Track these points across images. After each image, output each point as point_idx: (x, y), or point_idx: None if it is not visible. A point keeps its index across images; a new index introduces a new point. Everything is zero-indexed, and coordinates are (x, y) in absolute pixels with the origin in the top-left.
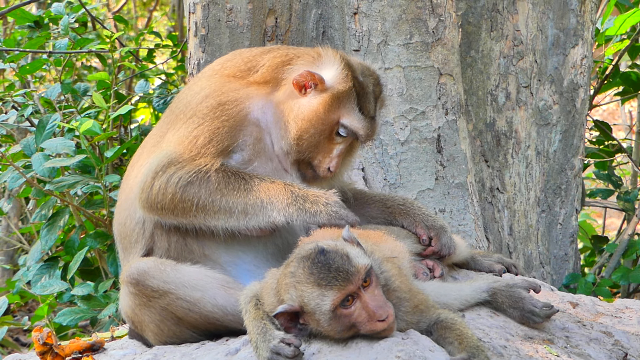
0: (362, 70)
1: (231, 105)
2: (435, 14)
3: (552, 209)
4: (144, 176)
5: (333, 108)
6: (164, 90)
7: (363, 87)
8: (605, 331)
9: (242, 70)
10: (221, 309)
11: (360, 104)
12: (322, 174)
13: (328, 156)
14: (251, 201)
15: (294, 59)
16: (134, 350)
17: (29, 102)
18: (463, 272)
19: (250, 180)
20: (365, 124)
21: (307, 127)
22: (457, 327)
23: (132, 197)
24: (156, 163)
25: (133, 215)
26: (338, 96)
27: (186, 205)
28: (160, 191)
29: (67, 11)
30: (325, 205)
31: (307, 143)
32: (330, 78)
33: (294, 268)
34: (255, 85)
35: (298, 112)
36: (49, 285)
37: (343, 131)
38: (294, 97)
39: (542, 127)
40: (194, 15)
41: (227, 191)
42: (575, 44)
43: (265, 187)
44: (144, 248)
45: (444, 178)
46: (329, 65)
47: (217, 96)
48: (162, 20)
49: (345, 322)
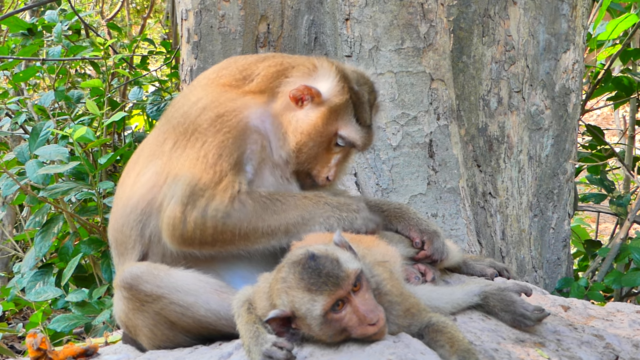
0: (357, 79)
1: (230, 116)
2: (427, 20)
3: (544, 214)
4: (170, 212)
5: (330, 121)
6: (158, 97)
7: (359, 97)
8: (596, 334)
9: (237, 79)
10: (214, 313)
11: (356, 114)
12: (321, 183)
13: (326, 166)
14: (292, 220)
15: (288, 69)
16: (128, 355)
17: (23, 109)
18: (455, 276)
19: (284, 201)
20: (363, 134)
21: (305, 140)
22: (448, 331)
23: (131, 205)
24: (179, 195)
25: (131, 223)
26: (335, 109)
27: (227, 236)
28: (197, 227)
29: (61, 19)
30: (357, 211)
31: (306, 156)
32: (327, 91)
33: (285, 273)
34: (251, 95)
35: (296, 125)
36: (43, 291)
37: (341, 142)
38: (291, 109)
39: (534, 131)
40: (186, 22)
41: (267, 216)
42: (566, 49)
43: (301, 203)
44: (139, 254)
45: (436, 183)
46: (324, 77)
47: (214, 107)
48: (155, 27)
49: (337, 327)
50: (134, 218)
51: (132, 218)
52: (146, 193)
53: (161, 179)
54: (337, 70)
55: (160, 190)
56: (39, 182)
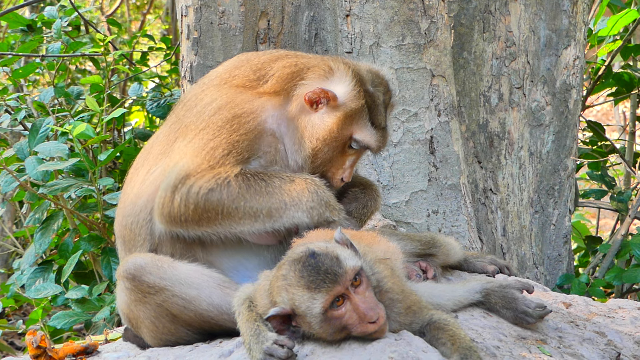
0: (372, 80)
1: (248, 118)
2: (427, 16)
3: (545, 210)
4: (162, 191)
5: (346, 125)
6: (158, 93)
7: (374, 99)
8: (598, 331)
9: (251, 80)
10: (217, 307)
11: (371, 117)
12: (335, 185)
13: (341, 168)
14: (275, 204)
15: (304, 70)
16: (128, 352)
17: (22, 105)
18: (456, 273)
19: (271, 182)
20: (378, 137)
21: (321, 146)
22: (450, 328)
23: (141, 203)
24: (174, 177)
25: (140, 222)
26: (351, 114)
27: (210, 214)
28: (182, 204)
29: (60, 15)
30: (340, 211)
31: (321, 160)
32: (342, 94)
33: (286, 271)
34: (267, 96)
35: (312, 131)
36: (43, 288)
37: (355, 145)
38: (306, 112)
39: (535, 128)
40: (186, 18)
41: (249, 195)
42: (567, 45)
43: (287, 188)
44: (147, 251)
45: (436, 179)
46: (340, 81)
47: (231, 108)
48: (155, 23)
49: (337, 325)
50: (143, 217)
51: (142, 217)
52: (155, 191)
53: (166, 170)
54: (354, 73)
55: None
56: (38, 179)
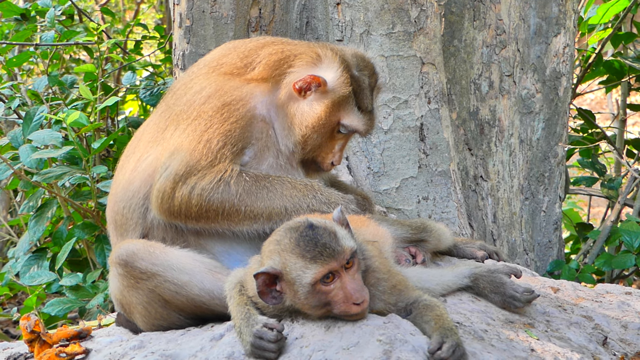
0: (358, 64)
1: (237, 105)
2: (417, 4)
3: (535, 197)
4: (161, 184)
5: (334, 111)
6: (151, 82)
7: (359, 83)
8: (585, 315)
9: (239, 67)
10: (208, 292)
11: (358, 102)
12: (326, 169)
13: (331, 152)
14: (276, 209)
15: (291, 57)
16: (121, 337)
17: (16, 94)
18: (446, 259)
19: (272, 188)
20: (365, 121)
21: (310, 133)
22: (437, 308)
23: (133, 189)
24: (173, 171)
25: (133, 206)
26: (338, 100)
27: (210, 214)
28: (183, 202)
29: (54, 4)
30: (346, 209)
31: (311, 146)
32: (331, 80)
33: (280, 237)
34: (255, 82)
35: (301, 118)
36: (37, 276)
37: (344, 130)
38: (295, 99)
39: (525, 115)
40: (178, 6)
41: (251, 201)
42: (557, 33)
43: (288, 194)
44: (139, 237)
45: (427, 166)
46: (329, 67)
47: (220, 96)
48: (149, 12)
49: (322, 299)
50: (136, 202)
51: (135, 202)
52: (148, 178)
53: (161, 159)
54: (341, 59)
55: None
56: (32, 167)
